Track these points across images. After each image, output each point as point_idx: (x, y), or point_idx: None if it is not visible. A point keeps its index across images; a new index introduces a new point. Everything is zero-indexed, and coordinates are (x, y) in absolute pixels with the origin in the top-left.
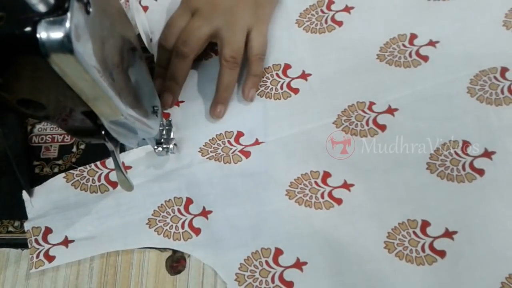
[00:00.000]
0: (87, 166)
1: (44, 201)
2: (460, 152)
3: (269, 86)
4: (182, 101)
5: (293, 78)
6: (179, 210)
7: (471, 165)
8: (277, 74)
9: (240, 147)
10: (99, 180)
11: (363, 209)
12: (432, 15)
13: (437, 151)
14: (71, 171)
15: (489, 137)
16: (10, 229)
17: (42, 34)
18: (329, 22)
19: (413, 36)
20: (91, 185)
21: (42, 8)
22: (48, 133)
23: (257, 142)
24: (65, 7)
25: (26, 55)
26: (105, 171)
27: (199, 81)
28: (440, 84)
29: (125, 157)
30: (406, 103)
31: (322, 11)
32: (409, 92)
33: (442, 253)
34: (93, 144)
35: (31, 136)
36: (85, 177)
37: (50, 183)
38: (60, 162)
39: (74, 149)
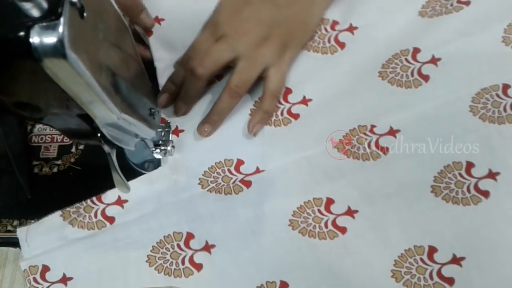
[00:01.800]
0: (83, 202)
1: (41, 241)
2: (464, 174)
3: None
4: (182, 131)
5: (294, 104)
6: (178, 246)
7: (476, 187)
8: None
9: (240, 176)
10: (95, 216)
11: (368, 236)
12: (435, 29)
13: (441, 173)
14: (67, 208)
15: (492, 157)
16: (9, 228)
17: (35, 39)
18: (332, 42)
19: (416, 50)
20: (88, 222)
21: (35, 13)
22: (47, 133)
23: (258, 171)
24: (58, 12)
25: (20, 59)
26: (101, 206)
27: (198, 108)
28: (441, 105)
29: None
30: (407, 124)
31: (325, 29)
32: (410, 113)
33: (450, 281)
34: (92, 144)
35: (30, 136)
36: (82, 214)
37: (47, 221)
38: (59, 162)
39: (73, 149)
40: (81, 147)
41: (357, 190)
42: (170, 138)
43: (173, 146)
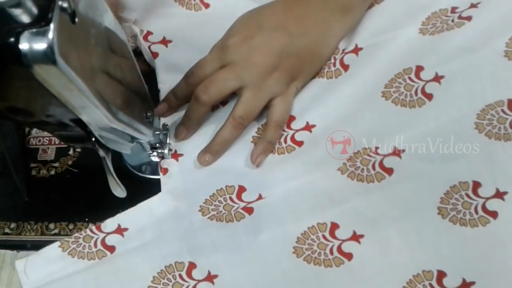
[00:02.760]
0: (82, 232)
1: (40, 273)
2: (471, 194)
3: None
4: (181, 155)
5: (297, 130)
6: (180, 276)
7: (484, 208)
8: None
9: (242, 204)
10: (95, 245)
11: (375, 262)
12: (438, 45)
13: (447, 194)
14: (66, 238)
15: (499, 176)
16: (6, 230)
17: (25, 45)
18: (338, 65)
19: (419, 68)
20: (88, 252)
21: (25, 19)
22: (45, 135)
23: (259, 198)
24: (48, 17)
25: (10, 65)
26: (101, 235)
27: (200, 133)
28: (446, 123)
29: (120, 219)
30: (412, 144)
31: (334, 57)
32: (415, 133)
33: None
34: (88, 148)
35: (28, 138)
36: (81, 244)
37: (46, 253)
38: (56, 164)
39: (71, 152)
40: (79, 149)
41: (362, 214)
42: (168, 141)
43: (170, 149)
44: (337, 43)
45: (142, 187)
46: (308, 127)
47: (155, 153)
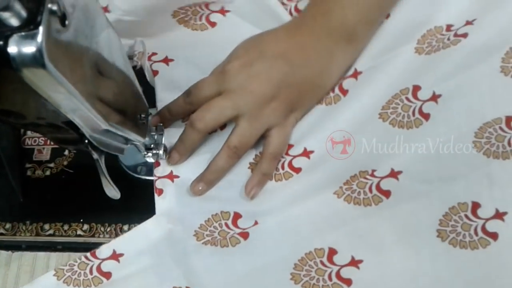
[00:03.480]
0: (77, 259)
1: None
2: (470, 215)
3: None
4: (177, 176)
5: (295, 156)
6: None
7: (483, 229)
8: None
9: (238, 231)
10: (91, 272)
11: None
12: (434, 64)
13: (446, 216)
14: (60, 267)
15: (498, 195)
16: (1, 231)
17: (13, 48)
18: (337, 91)
19: (416, 88)
20: (83, 279)
21: (14, 22)
22: (41, 136)
23: (255, 223)
24: (37, 21)
25: None
26: (96, 262)
27: (196, 156)
28: (443, 142)
29: (115, 244)
30: (409, 165)
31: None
32: (412, 153)
33: None
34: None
35: (24, 138)
36: (76, 271)
37: (40, 282)
38: (52, 165)
39: (66, 153)
40: (74, 150)
41: (361, 238)
42: (163, 142)
43: (165, 150)
44: (340, 74)
45: (137, 188)
46: (306, 153)
47: (150, 154)
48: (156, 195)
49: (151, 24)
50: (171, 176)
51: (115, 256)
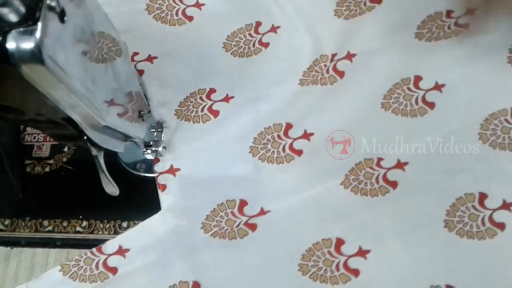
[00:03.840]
0: (83, 254)
1: None
2: (477, 206)
3: (270, 149)
4: (178, 169)
5: (295, 139)
6: None
7: (491, 219)
8: (278, 136)
9: (245, 219)
10: (97, 268)
11: (382, 279)
12: (436, 56)
13: (453, 207)
14: (66, 262)
15: (506, 187)
16: (0, 227)
17: (12, 44)
18: (331, 71)
19: (418, 79)
20: (89, 274)
21: (13, 18)
22: (40, 132)
23: (262, 212)
24: (36, 17)
25: None
26: (102, 257)
27: (193, 147)
28: (449, 133)
29: (121, 240)
30: (416, 156)
31: (325, 65)
32: (418, 144)
33: None
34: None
35: (23, 135)
36: (82, 266)
37: (47, 278)
38: (51, 161)
39: (66, 149)
40: (73, 147)
41: (368, 228)
42: (162, 139)
43: (164, 147)
44: None
45: (137, 185)
46: (307, 135)
47: (149, 151)
48: (160, 191)
49: (129, 23)
50: (172, 171)
51: (121, 251)
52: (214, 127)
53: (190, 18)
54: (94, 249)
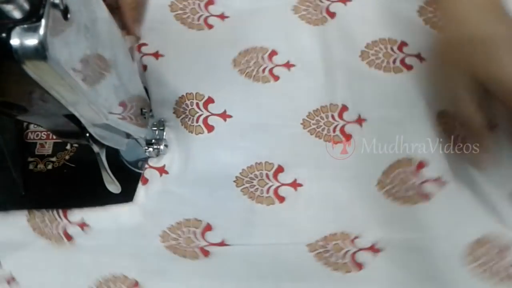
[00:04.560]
0: (50, 211)
1: (1, 232)
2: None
3: (255, 186)
4: (166, 172)
5: (283, 184)
6: None
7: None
8: (267, 175)
9: (203, 244)
10: (56, 229)
11: None
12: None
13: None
14: (34, 210)
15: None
16: None
17: (16, 41)
18: (337, 132)
19: (421, 164)
20: (48, 231)
21: (17, 14)
22: (43, 130)
23: (222, 243)
24: (40, 13)
25: (1, 60)
26: (65, 221)
27: (186, 156)
28: (434, 238)
29: (86, 214)
30: (392, 247)
31: (333, 116)
32: (399, 236)
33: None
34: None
35: (26, 132)
36: (44, 221)
37: (13, 216)
38: (54, 159)
39: (68, 147)
40: (76, 144)
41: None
42: (164, 137)
43: (165, 145)
44: None
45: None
46: (295, 185)
47: (150, 149)
48: (140, 183)
49: (149, 13)
50: (161, 170)
51: (82, 224)
52: (205, 142)
53: (210, 26)
54: (60, 211)
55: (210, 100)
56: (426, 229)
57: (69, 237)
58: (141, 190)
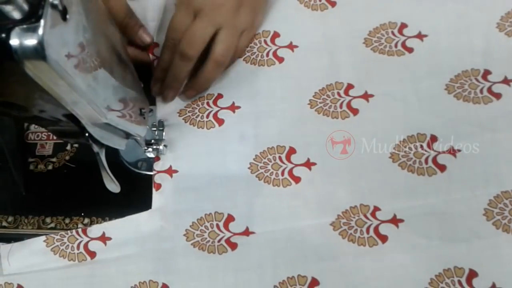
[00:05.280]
0: (68, 232)
1: (21, 262)
2: (464, 282)
3: (269, 170)
4: (176, 171)
5: (297, 165)
6: None
7: None
8: (280, 158)
9: (228, 235)
10: (78, 248)
11: None
12: (459, 116)
13: (439, 277)
14: (52, 235)
15: (499, 270)
16: (4, 224)
17: (15, 41)
18: (344, 107)
19: (433, 139)
20: (69, 252)
21: (16, 15)
22: (43, 131)
23: (246, 232)
24: (39, 14)
25: (1, 61)
26: (85, 239)
27: (195, 151)
28: (455, 200)
29: (106, 227)
30: (413, 215)
31: (339, 94)
32: (419, 203)
33: None
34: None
35: (27, 133)
36: (65, 243)
37: (30, 244)
38: (54, 159)
39: (68, 147)
40: (76, 145)
41: (346, 276)
42: (163, 137)
43: (165, 145)
44: None
45: (138, 183)
46: (308, 164)
47: (150, 149)
48: (154, 190)
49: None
50: (170, 171)
51: (103, 238)
52: (217, 135)
53: None
54: (80, 230)
55: (219, 96)
56: (442, 195)
57: (92, 254)
58: (156, 195)
